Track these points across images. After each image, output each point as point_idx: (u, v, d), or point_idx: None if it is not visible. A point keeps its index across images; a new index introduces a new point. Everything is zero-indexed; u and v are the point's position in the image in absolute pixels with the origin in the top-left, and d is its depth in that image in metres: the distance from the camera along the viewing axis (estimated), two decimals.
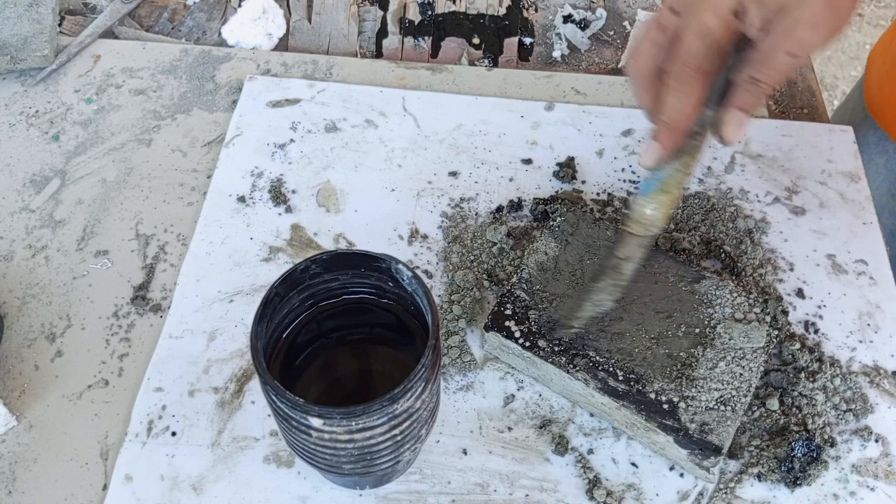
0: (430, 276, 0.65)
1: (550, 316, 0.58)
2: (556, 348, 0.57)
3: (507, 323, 0.58)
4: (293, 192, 0.70)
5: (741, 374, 0.56)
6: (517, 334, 0.58)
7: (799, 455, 0.55)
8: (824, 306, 0.64)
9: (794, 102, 0.79)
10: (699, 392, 0.55)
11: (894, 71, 0.82)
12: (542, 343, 0.57)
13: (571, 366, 0.56)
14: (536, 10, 0.87)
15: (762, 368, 0.57)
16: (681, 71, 0.50)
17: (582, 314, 0.57)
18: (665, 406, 0.55)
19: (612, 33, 0.85)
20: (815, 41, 0.49)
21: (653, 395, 0.55)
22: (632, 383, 0.55)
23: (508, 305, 0.59)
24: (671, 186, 0.53)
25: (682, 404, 0.55)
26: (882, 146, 0.83)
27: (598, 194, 0.70)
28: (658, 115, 0.51)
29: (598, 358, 0.57)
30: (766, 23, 0.48)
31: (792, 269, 0.66)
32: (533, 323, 0.58)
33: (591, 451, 0.57)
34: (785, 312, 0.62)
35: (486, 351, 0.61)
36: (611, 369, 0.56)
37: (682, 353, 0.57)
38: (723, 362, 0.56)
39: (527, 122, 0.75)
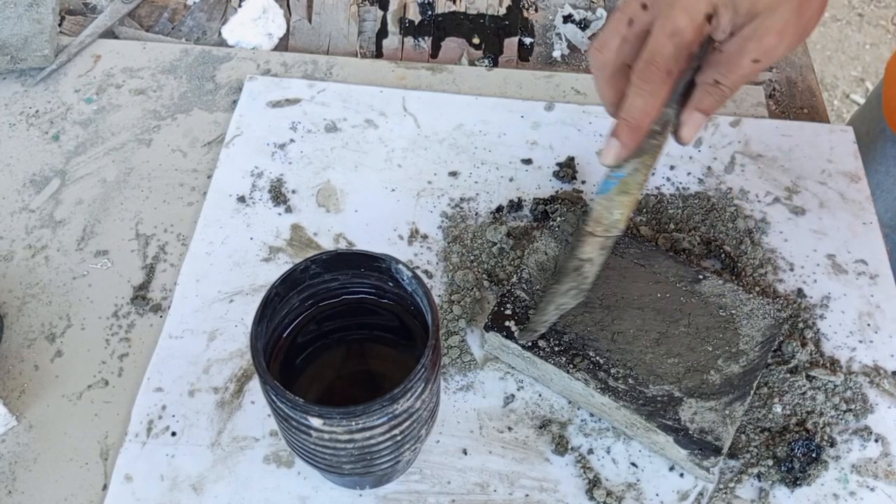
0: (430, 276, 0.65)
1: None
2: (557, 348, 0.57)
3: (507, 323, 0.58)
4: (293, 192, 0.70)
5: (741, 374, 0.56)
6: (517, 334, 0.58)
7: (799, 455, 0.55)
8: (824, 306, 0.64)
9: (794, 102, 0.79)
10: (699, 392, 0.55)
11: None
12: (542, 343, 0.57)
13: (571, 366, 0.56)
14: (536, 10, 0.87)
15: (763, 368, 0.57)
16: (647, 70, 0.49)
17: (545, 318, 0.56)
18: (665, 406, 0.55)
19: None
20: (780, 49, 0.49)
21: (653, 395, 0.55)
22: (631, 383, 0.55)
23: (508, 305, 0.59)
24: (632, 187, 0.53)
25: (682, 404, 0.55)
26: None
27: None
28: (620, 113, 0.51)
29: (597, 358, 0.57)
30: (735, 27, 0.48)
31: (792, 269, 0.66)
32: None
33: (591, 451, 0.57)
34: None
35: (486, 351, 0.61)
36: (611, 369, 0.56)
37: (681, 353, 0.57)
38: (723, 362, 0.56)
39: (527, 122, 0.75)
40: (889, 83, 0.85)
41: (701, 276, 0.60)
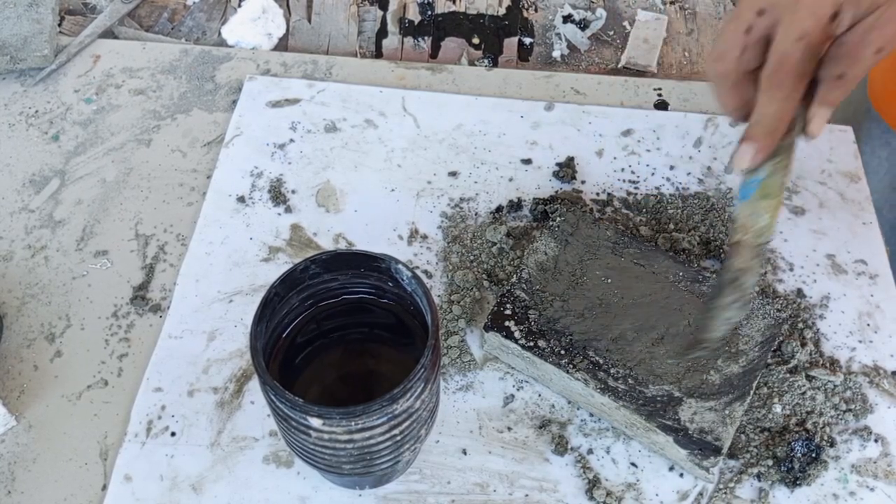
0: (430, 276, 0.65)
1: (551, 316, 0.58)
2: (556, 348, 0.57)
3: (506, 323, 0.58)
4: (293, 192, 0.70)
5: (741, 374, 0.56)
6: (517, 334, 0.58)
7: (799, 455, 0.55)
8: (824, 306, 0.64)
9: None
10: (699, 392, 0.55)
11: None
12: (541, 343, 0.57)
13: (571, 366, 0.56)
14: (536, 10, 0.87)
15: (762, 368, 0.57)
16: (778, 76, 0.49)
17: (713, 334, 0.53)
18: (665, 406, 0.55)
19: (611, 33, 0.85)
20: None
21: (652, 395, 0.55)
22: (631, 383, 0.55)
23: (508, 305, 0.59)
24: (773, 189, 0.52)
25: (681, 404, 0.55)
26: (885, 139, 0.83)
27: (597, 194, 0.70)
28: (753, 120, 0.51)
29: (597, 358, 0.57)
30: (856, 19, 0.48)
31: (792, 269, 0.66)
32: (533, 323, 0.58)
33: (590, 451, 0.57)
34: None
35: (486, 351, 0.61)
36: (610, 369, 0.56)
37: (681, 353, 0.57)
38: (723, 362, 0.56)
39: (526, 122, 0.75)
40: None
41: (701, 277, 0.60)
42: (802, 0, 0.47)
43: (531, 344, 0.57)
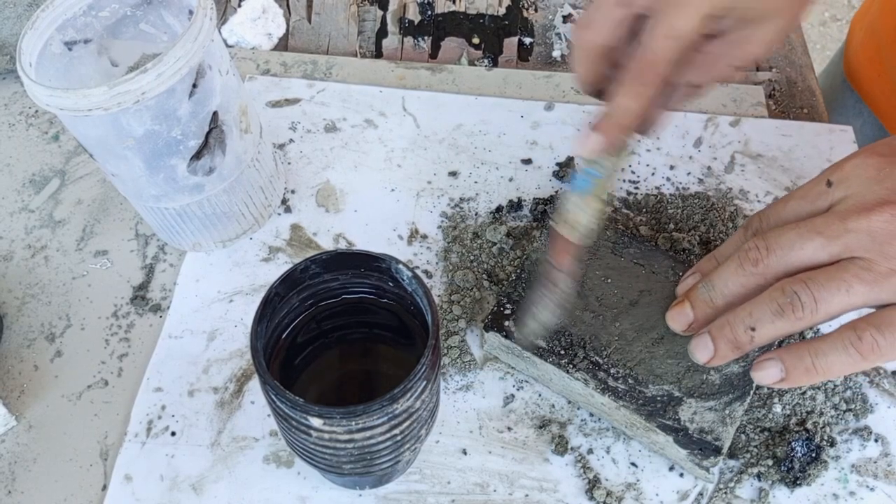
0: (430, 276, 0.65)
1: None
2: (556, 348, 0.57)
3: (506, 323, 0.58)
4: (292, 191, 0.70)
5: (741, 374, 0.56)
6: (515, 330, 0.58)
7: (799, 455, 0.55)
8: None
9: (794, 102, 0.79)
10: (699, 392, 0.55)
11: (869, 37, 0.84)
12: (541, 343, 0.57)
13: (571, 366, 0.56)
14: (536, 10, 0.87)
15: None
16: (643, 71, 0.47)
17: (529, 333, 0.55)
18: (665, 406, 0.55)
19: None
20: (760, 56, 0.48)
21: (652, 395, 0.55)
22: (631, 383, 0.55)
23: (508, 305, 0.59)
24: (603, 192, 0.52)
25: (682, 404, 0.55)
26: (857, 109, 0.84)
27: None
28: (608, 110, 0.49)
29: (597, 358, 0.57)
30: (722, 31, 0.47)
31: None
32: None
33: (590, 451, 0.57)
34: None
35: (486, 351, 0.61)
36: (610, 369, 0.56)
37: (681, 353, 0.57)
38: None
39: (527, 122, 0.75)
40: (850, 37, 0.87)
41: None
42: None
43: (531, 344, 0.57)
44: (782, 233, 0.47)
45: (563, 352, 0.57)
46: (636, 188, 0.70)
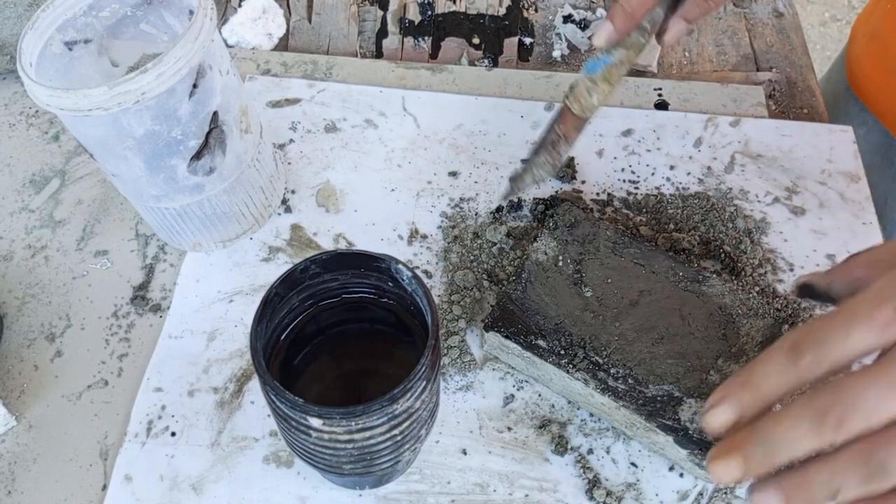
0: (430, 276, 0.65)
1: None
2: (556, 348, 0.57)
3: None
4: (293, 192, 0.70)
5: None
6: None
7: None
8: (824, 306, 0.64)
9: (794, 102, 0.79)
10: (699, 392, 0.55)
11: (872, 44, 0.83)
12: (541, 343, 0.57)
13: (571, 366, 0.56)
14: (536, 10, 0.87)
15: None
16: None
17: (522, 185, 0.61)
18: (665, 406, 0.55)
19: None
20: None
21: (652, 395, 0.55)
22: (631, 383, 0.55)
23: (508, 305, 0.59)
24: (613, 76, 0.57)
25: (682, 404, 0.55)
26: (862, 118, 0.84)
27: (597, 194, 0.70)
28: (618, 3, 0.55)
29: (597, 358, 0.57)
30: None
31: (791, 269, 0.66)
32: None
33: (590, 451, 0.57)
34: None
35: (486, 351, 0.61)
36: (610, 369, 0.56)
37: (681, 353, 0.57)
38: (723, 362, 0.56)
39: (527, 122, 0.75)
40: (851, 44, 0.87)
41: (701, 276, 0.60)
42: None
43: (531, 344, 0.57)
44: (863, 387, 0.36)
45: (563, 352, 0.57)
46: (636, 188, 0.70)
